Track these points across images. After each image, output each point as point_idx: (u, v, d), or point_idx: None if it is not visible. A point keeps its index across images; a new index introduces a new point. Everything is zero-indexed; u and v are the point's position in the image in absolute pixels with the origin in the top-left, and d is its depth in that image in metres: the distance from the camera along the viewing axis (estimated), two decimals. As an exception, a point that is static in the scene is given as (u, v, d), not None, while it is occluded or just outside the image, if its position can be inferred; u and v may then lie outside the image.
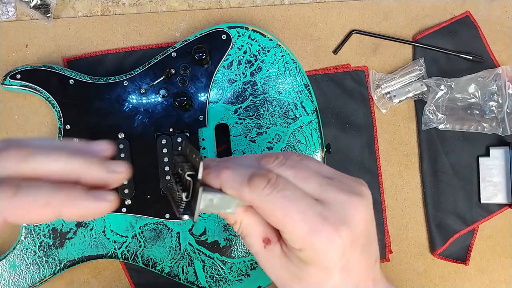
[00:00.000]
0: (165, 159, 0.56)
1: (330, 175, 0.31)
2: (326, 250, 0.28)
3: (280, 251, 0.31)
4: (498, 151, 0.63)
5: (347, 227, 0.28)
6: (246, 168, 0.30)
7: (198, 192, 0.28)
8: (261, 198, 0.28)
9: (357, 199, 0.29)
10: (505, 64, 0.64)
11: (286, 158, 0.31)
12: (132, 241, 0.56)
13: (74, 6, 0.63)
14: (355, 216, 0.29)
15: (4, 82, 0.56)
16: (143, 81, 0.57)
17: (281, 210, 0.28)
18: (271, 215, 0.29)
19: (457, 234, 0.63)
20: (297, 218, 0.28)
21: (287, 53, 0.57)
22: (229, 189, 0.29)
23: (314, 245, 0.28)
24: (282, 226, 0.29)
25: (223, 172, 0.29)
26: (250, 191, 0.28)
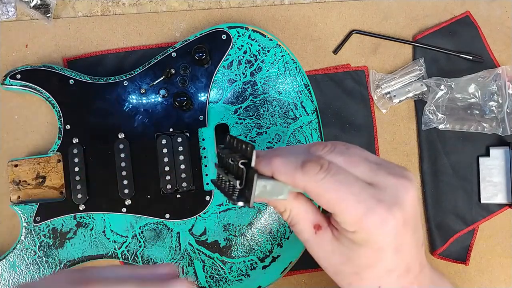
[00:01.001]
0: (165, 159, 0.56)
1: (377, 161, 0.32)
2: (380, 230, 0.29)
3: (331, 236, 0.32)
4: (498, 151, 0.63)
5: (400, 209, 0.29)
6: (297, 155, 0.30)
7: (253, 179, 0.29)
8: (315, 183, 0.29)
9: (407, 182, 0.30)
10: (505, 64, 0.64)
11: (334, 146, 0.32)
12: (132, 241, 0.56)
13: (74, 6, 0.63)
14: (406, 198, 0.30)
15: (4, 82, 0.56)
16: (143, 81, 0.57)
17: (336, 193, 0.29)
18: (326, 199, 0.29)
19: (457, 234, 0.63)
20: (352, 200, 0.29)
21: (287, 53, 0.57)
22: (282, 175, 0.30)
23: (368, 226, 0.29)
24: (336, 209, 0.29)
25: (274, 160, 0.30)
26: (304, 176, 0.29)
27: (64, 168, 0.57)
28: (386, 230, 0.29)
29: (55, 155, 0.57)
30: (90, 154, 0.57)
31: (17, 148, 0.61)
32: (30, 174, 0.57)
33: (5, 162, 0.60)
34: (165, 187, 0.56)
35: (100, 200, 0.56)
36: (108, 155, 0.57)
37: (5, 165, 0.60)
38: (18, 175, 0.57)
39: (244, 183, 0.30)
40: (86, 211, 0.56)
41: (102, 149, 0.57)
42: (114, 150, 0.56)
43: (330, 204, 0.29)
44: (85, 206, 0.56)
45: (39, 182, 0.57)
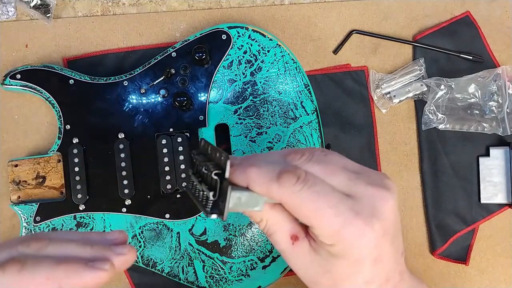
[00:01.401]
0: (165, 159, 0.56)
1: (356, 170, 0.31)
2: (358, 243, 0.28)
3: (308, 247, 0.31)
4: (498, 151, 0.63)
5: (378, 220, 0.29)
6: (273, 165, 0.29)
7: (227, 191, 0.28)
8: (292, 194, 0.28)
9: (385, 192, 0.30)
10: (505, 64, 0.64)
11: (311, 154, 0.31)
12: (132, 241, 0.56)
13: (74, 6, 0.63)
14: (385, 208, 0.29)
15: (4, 82, 0.56)
16: (143, 81, 0.57)
17: (313, 205, 0.28)
18: (302, 211, 0.29)
19: (457, 234, 0.63)
20: (329, 213, 0.28)
21: (287, 53, 0.57)
22: (257, 187, 0.29)
23: (346, 239, 0.28)
24: (313, 222, 0.29)
25: (250, 170, 0.29)
26: (280, 187, 0.28)
27: (64, 168, 0.57)
28: (364, 242, 0.28)
29: (55, 155, 0.57)
30: (90, 154, 0.57)
31: (17, 148, 0.61)
32: (30, 174, 0.57)
33: (5, 162, 0.60)
34: (165, 187, 0.56)
35: (100, 200, 0.56)
36: (108, 155, 0.57)
37: (5, 165, 0.60)
38: (18, 175, 0.57)
39: (218, 195, 0.29)
40: (86, 211, 0.56)
41: (102, 149, 0.57)
42: (114, 150, 0.56)
43: (306, 217, 0.29)
44: (85, 206, 0.56)
45: (39, 182, 0.57)
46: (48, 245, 0.28)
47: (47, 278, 0.26)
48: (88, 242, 0.29)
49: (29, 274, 0.26)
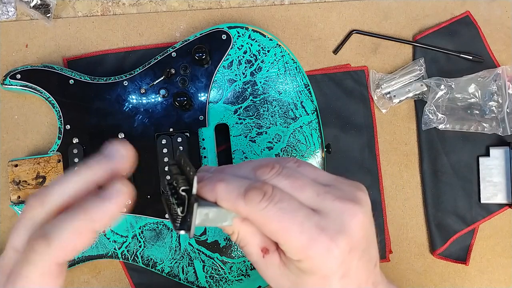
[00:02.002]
0: (165, 159, 0.56)
1: (327, 182, 0.31)
2: (325, 260, 0.28)
3: (278, 260, 0.31)
4: (498, 151, 0.63)
5: (345, 236, 0.28)
6: (241, 180, 0.29)
7: (193, 208, 0.28)
8: (257, 211, 0.28)
9: (354, 207, 0.29)
10: (505, 64, 0.64)
11: (282, 166, 0.30)
12: (132, 241, 0.56)
13: (74, 6, 0.63)
14: (353, 223, 0.29)
15: (4, 82, 0.56)
16: (143, 81, 0.57)
17: (278, 223, 0.28)
18: (268, 228, 0.28)
19: (457, 234, 0.63)
20: (294, 230, 0.28)
21: (287, 53, 0.57)
22: (224, 203, 0.29)
23: (312, 256, 0.28)
24: (280, 239, 0.29)
25: (218, 186, 0.29)
26: (246, 205, 0.28)
27: (64, 168, 0.57)
28: (330, 259, 0.28)
29: (55, 155, 0.57)
30: (90, 154, 0.57)
31: (17, 148, 0.61)
32: (30, 174, 0.57)
33: (5, 162, 0.60)
34: (165, 187, 0.56)
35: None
36: (108, 155, 0.56)
37: (5, 165, 0.60)
38: (18, 175, 0.57)
39: (186, 211, 0.28)
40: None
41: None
42: (114, 150, 0.56)
43: (273, 233, 0.29)
44: (85, 206, 0.56)
45: (39, 182, 0.57)
46: (46, 195, 0.27)
47: (78, 232, 0.25)
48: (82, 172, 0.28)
49: (59, 242, 0.25)
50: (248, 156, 0.57)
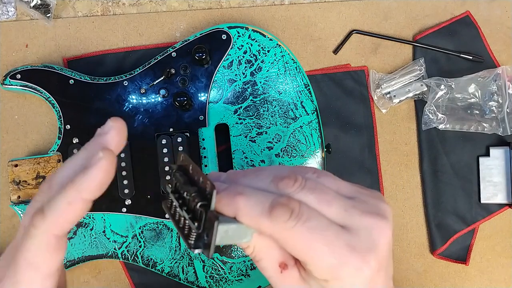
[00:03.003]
0: (165, 159, 0.56)
1: (350, 194, 0.29)
2: (354, 280, 0.27)
3: (298, 275, 0.29)
4: (498, 151, 0.63)
5: (375, 254, 0.27)
6: (263, 194, 0.27)
7: (214, 226, 0.25)
8: (284, 231, 0.26)
9: (381, 222, 0.28)
10: (505, 64, 0.64)
11: (304, 178, 0.28)
12: (132, 241, 0.56)
13: (74, 6, 0.63)
14: (381, 241, 0.28)
15: (4, 82, 0.56)
16: (143, 81, 0.57)
17: (307, 243, 0.26)
18: (294, 248, 0.27)
19: (457, 234, 0.63)
20: (324, 251, 0.26)
21: (287, 53, 0.57)
22: (246, 219, 0.26)
23: (341, 277, 0.27)
24: (307, 259, 0.27)
25: (238, 200, 0.26)
26: (272, 223, 0.26)
27: (64, 168, 0.57)
28: (360, 279, 0.27)
29: (55, 155, 0.57)
30: (90, 154, 0.57)
31: (17, 148, 0.61)
32: (30, 174, 0.57)
33: (5, 162, 0.60)
34: (165, 187, 0.56)
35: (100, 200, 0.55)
36: (108, 155, 0.56)
37: (5, 165, 0.60)
38: (18, 175, 0.57)
39: (203, 227, 0.26)
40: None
41: (102, 149, 0.57)
42: (114, 150, 0.56)
43: (299, 253, 0.26)
44: (85, 206, 0.56)
45: (39, 182, 0.57)
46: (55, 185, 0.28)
47: (68, 203, 0.26)
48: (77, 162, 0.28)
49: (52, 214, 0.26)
50: (248, 156, 0.57)
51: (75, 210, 0.26)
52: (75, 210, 0.26)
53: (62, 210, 0.26)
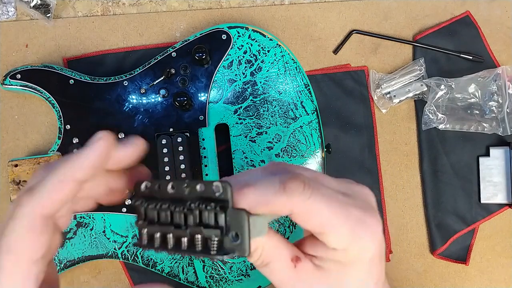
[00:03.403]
0: (165, 159, 0.56)
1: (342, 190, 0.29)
2: (374, 239, 0.27)
3: (312, 266, 0.28)
4: (498, 151, 0.63)
5: (378, 213, 0.28)
6: (267, 179, 0.26)
7: (244, 219, 0.24)
8: (303, 202, 0.25)
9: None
10: (505, 64, 0.64)
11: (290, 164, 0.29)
12: (132, 241, 0.56)
13: (74, 6, 0.63)
14: (375, 201, 0.29)
15: (4, 82, 0.56)
16: (143, 81, 0.57)
17: (327, 209, 0.26)
18: (316, 218, 0.26)
19: (457, 234, 0.63)
20: (342, 214, 0.26)
21: (287, 53, 0.57)
22: (262, 206, 0.25)
23: (362, 238, 0.26)
24: (327, 227, 0.26)
25: (247, 191, 0.25)
26: (289, 197, 0.25)
27: (64, 168, 0.57)
28: (378, 238, 0.27)
29: (55, 155, 0.57)
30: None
31: (17, 148, 0.61)
32: (30, 174, 0.57)
33: (5, 162, 0.60)
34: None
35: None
36: (108, 155, 0.56)
37: (5, 165, 0.60)
38: (18, 175, 0.57)
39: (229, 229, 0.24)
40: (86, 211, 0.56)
41: (102, 149, 0.57)
42: (114, 150, 0.56)
43: (320, 223, 0.26)
44: (85, 206, 0.56)
45: (39, 182, 0.57)
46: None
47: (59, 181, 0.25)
48: None
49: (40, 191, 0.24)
50: (248, 156, 0.57)
51: (65, 189, 0.25)
52: (65, 190, 0.25)
53: (52, 187, 0.24)
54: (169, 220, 0.26)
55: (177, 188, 0.26)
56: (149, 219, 0.27)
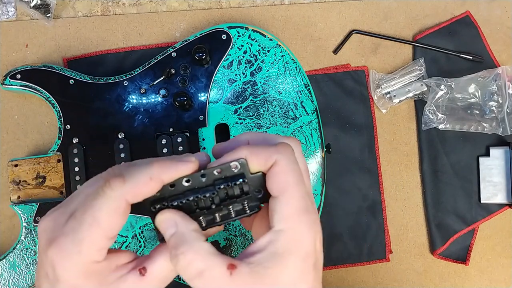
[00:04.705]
0: (165, 159, 0.56)
1: None
2: (308, 233, 0.28)
3: (248, 270, 0.27)
4: (498, 151, 0.63)
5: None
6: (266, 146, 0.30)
7: (261, 178, 0.29)
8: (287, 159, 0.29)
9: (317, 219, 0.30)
10: (505, 64, 0.64)
11: None
12: (132, 241, 0.56)
13: (74, 6, 0.63)
14: None
15: (4, 82, 0.56)
16: (143, 81, 0.57)
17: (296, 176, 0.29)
18: (284, 176, 0.28)
19: (457, 234, 0.63)
20: (301, 191, 0.28)
21: (287, 53, 0.57)
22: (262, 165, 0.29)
23: (301, 223, 0.28)
24: (285, 190, 0.28)
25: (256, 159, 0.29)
26: (280, 154, 0.29)
27: (64, 168, 0.57)
28: (313, 236, 0.28)
29: (55, 155, 0.57)
30: (90, 154, 0.57)
31: (17, 148, 0.61)
32: (30, 174, 0.57)
33: (5, 162, 0.60)
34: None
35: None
36: (108, 155, 0.57)
37: (5, 165, 0.60)
38: (18, 175, 0.57)
39: (251, 192, 0.29)
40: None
41: (102, 149, 0.57)
42: (114, 150, 0.56)
43: (285, 182, 0.28)
44: (85, 206, 0.56)
45: (39, 182, 0.57)
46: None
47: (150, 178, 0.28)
48: None
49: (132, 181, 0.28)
50: (248, 156, 0.57)
51: (151, 187, 0.28)
52: (150, 187, 0.28)
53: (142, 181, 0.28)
54: (193, 208, 0.29)
55: (192, 180, 0.29)
56: None
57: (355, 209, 0.63)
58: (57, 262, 0.27)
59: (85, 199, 0.28)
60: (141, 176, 0.28)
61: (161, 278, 0.29)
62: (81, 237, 0.27)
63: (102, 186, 0.28)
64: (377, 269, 0.63)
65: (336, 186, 0.62)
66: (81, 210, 0.27)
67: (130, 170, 0.28)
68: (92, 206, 0.27)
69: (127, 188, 0.28)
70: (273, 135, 0.31)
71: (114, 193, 0.27)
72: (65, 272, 0.27)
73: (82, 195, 0.28)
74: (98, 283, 0.27)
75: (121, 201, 0.28)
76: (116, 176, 0.28)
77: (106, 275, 0.28)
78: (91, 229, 0.27)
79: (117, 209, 0.28)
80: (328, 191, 0.62)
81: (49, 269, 0.27)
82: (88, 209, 0.27)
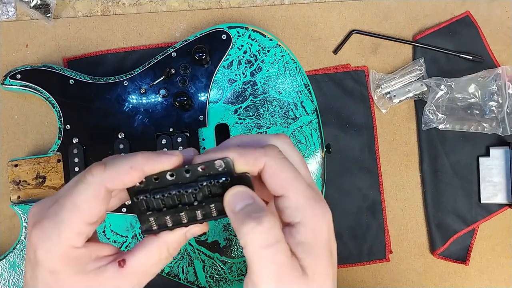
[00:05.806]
0: (165, 159, 0.56)
1: None
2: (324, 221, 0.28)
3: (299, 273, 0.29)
4: (498, 151, 0.63)
5: None
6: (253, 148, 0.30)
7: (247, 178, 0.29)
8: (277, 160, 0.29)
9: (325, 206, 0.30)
10: (505, 64, 0.64)
11: None
12: (132, 241, 0.56)
13: (74, 6, 0.63)
14: None
15: (4, 82, 0.56)
16: (143, 81, 0.57)
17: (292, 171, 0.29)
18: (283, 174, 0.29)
19: (457, 234, 0.63)
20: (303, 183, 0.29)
21: (287, 53, 0.57)
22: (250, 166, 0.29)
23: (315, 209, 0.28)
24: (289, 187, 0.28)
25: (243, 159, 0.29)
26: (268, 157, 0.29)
27: (64, 168, 0.57)
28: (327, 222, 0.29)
29: (55, 155, 0.57)
30: (90, 154, 0.57)
31: (17, 148, 0.61)
32: (30, 174, 0.57)
33: (5, 162, 0.60)
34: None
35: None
36: (108, 155, 0.56)
37: (5, 165, 0.60)
38: (18, 175, 0.57)
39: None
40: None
41: (102, 149, 0.57)
42: (114, 150, 0.56)
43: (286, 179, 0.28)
44: (85, 206, 0.56)
45: (39, 182, 0.57)
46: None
47: (130, 167, 0.28)
48: None
49: (113, 169, 0.28)
50: (248, 156, 0.57)
51: (132, 176, 0.28)
52: (131, 176, 0.28)
53: (123, 170, 0.28)
54: (176, 202, 0.29)
55: (177, 175, 0.29)
56: (156, 208, 0.30)
57: (355, 209, 0.63)
58: (38, 244, 0.27)
59: (69, 186, 0.29)
60: (122, 165, 0.28)
61: (140, 272, 0.30)
62: (60, 220, 0.28)
63: (84, 173, 0.29)
64: (377, 269, 0.63)
65: (336, 186, 0.62)
66: (64, 195, 0.29)
67: (114, 159, 0.29)
68: (73, 192, 0.28)
69: (107, 175, 0.28)
70: (262, 136, 0.32)
71: (94, 179, 0.28)
72: (45, 255, 0.27)
73: (70, 183, 0.29)
74: (76, 270, 0.28)
75: (100, 188, 0.28)
76: (99, 164, 0.29)
77: (85, 263, 0.28)
78: (70, 214, 0.28)
79: (97, 195, 0.28)
80: (328, 191, 0.62)
81: (31, 252, 0.28)
82: (69, 194, 0.28)
